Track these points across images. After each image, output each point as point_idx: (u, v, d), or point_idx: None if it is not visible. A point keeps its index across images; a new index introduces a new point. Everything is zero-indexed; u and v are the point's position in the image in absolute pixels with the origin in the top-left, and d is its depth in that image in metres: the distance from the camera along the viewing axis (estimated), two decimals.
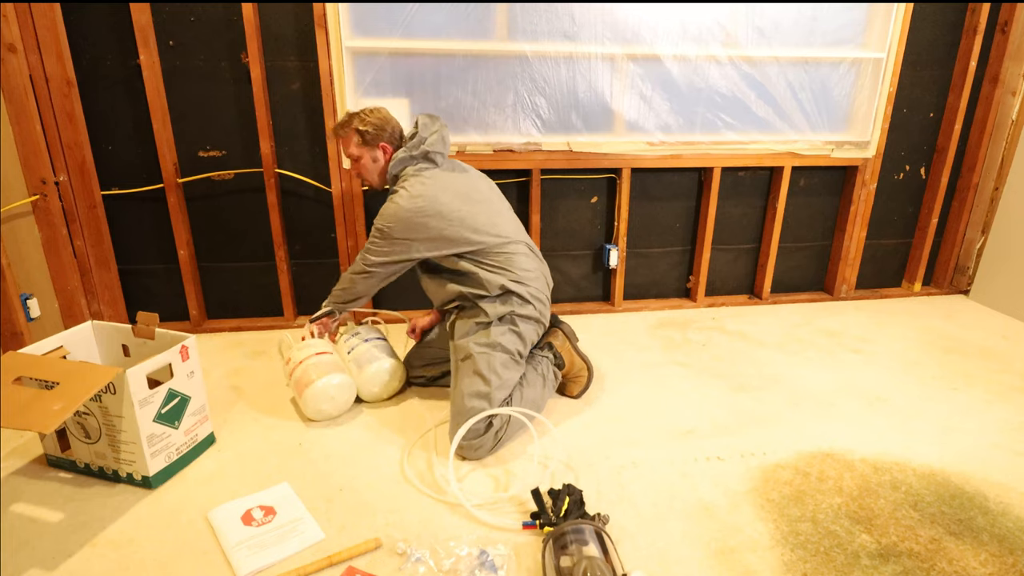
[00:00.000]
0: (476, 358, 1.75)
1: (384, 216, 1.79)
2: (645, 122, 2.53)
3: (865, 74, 2.63)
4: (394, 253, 1.82)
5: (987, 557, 1.37)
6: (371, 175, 1.90)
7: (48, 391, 1.42)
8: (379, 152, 1.87)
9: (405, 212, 1.76)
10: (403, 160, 1.83)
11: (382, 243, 1.81)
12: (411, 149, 1.83)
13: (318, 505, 1.49)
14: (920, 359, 2.33)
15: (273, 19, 2.21)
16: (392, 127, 1.87)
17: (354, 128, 1.84)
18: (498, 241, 1.84)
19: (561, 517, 1.39)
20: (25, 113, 2.04)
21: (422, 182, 1.80)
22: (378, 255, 1.83)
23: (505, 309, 1.81)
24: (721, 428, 1.86)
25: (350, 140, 1.86)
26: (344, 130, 1.87)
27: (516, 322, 1.82)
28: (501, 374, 1.75)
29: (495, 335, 1.78)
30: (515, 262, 1.85)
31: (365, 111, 1.86)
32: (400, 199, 1.78)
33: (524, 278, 1.85)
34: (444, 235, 1.79)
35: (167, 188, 2.29)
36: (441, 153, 1.87)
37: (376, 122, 1.84)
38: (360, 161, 1.88)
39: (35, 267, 2.15)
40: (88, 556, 1.34)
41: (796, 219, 2.84)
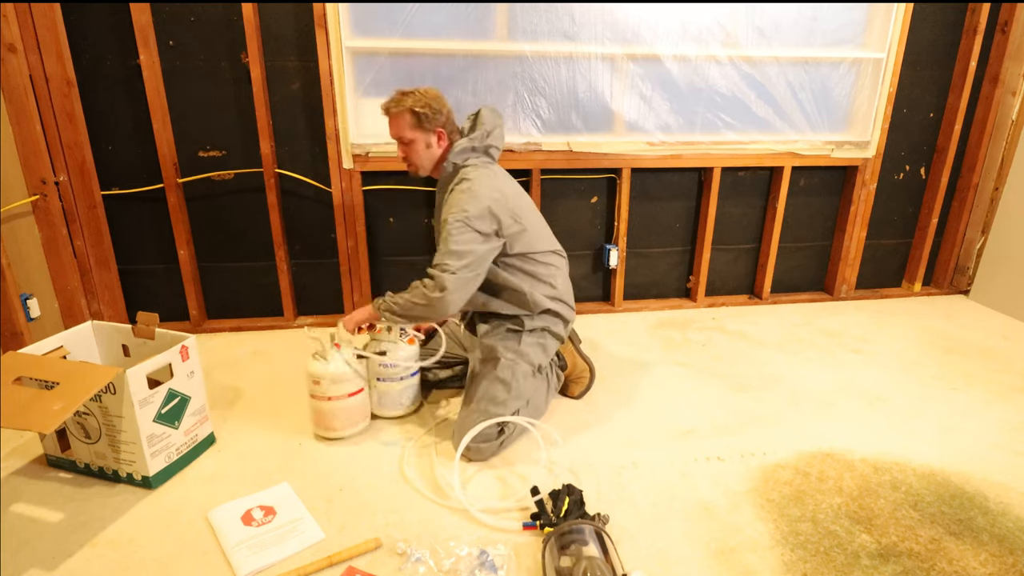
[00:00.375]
0: (502, 363, 1.72)
1: (459, 207, 1.61)
2: (645, 122, 2.53)
3: (865, 74, 2.63)
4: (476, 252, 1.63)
5: (987, 557, 1.37)
6: (422, 160, 1.75)
7: (48, 391, 1.42)
8: (433, 137, 1.72)
9: (486, 199, 1.63)
10: (467, 151, 1.72)
11: (462, 239, 1.60)
12: (475, 140, 1.72)
13: (318, 505, 1.49)
14: (920, 359, 2.33)
15: (273, 19, 2.21)
16: (447, 111, 1.74)
17: (409, 108, 1.68)
18: (549, 249, 1.80)
19: (561, 517, 1.39)
20: (25, 113, 2.04)
21: (491, 175, 1.70)
22: (460, 257, 1.61)
23: (539, 324, 1.80)
24: (721, 428, 1.86)
25: (403, 121, 1.70)
26: (397, 108, 1.69)
27: (546, 336, 1.81)
28: (522, 385, 1.74)
29: (525, 345, 1.76)
30: (556, 278, 1.82)
31: (420, 91, 1.70)
32: (476, 187, 1.64)
33: (563, 295, 1.83)
34: (512, 232, 1.69)
35: (167, 188, 2.29)
36: (499, 149, 1.78)
37: (433, 104, 1.69)
38: (412, 145, 1.72)
39: (35, 267, 2.15)
40: (88, 556, 1.34)
41: (796, 219, 2.84)
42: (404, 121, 1.70)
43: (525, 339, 1.78)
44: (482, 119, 1.75)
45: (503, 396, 1.69)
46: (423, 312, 1.67)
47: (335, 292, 2.57)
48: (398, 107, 1.69)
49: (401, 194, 2.48)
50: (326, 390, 1.70)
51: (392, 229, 2.54)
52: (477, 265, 1.65)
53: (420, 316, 1.70)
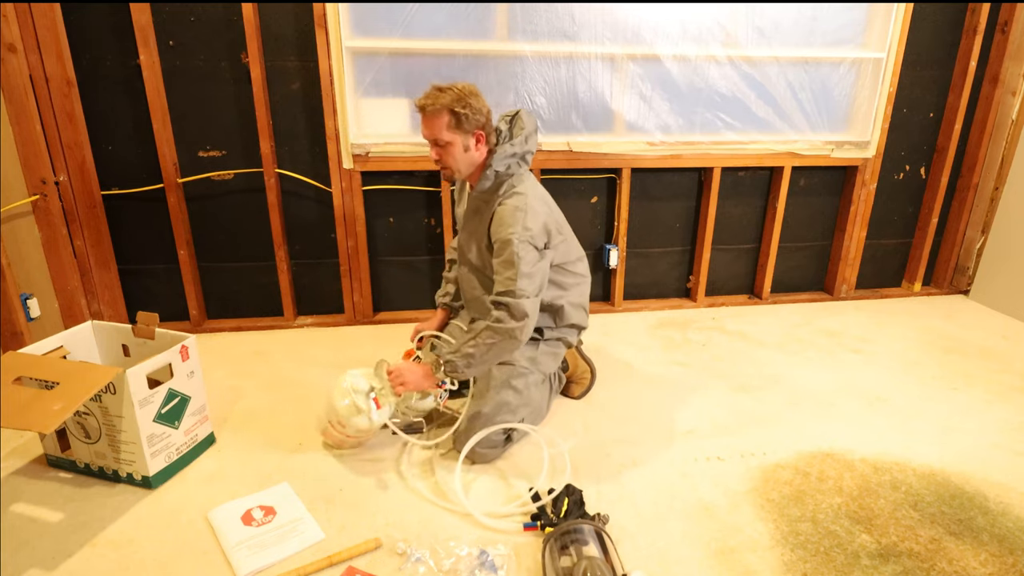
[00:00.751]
0: (517, 371, 1.70)
1: (519, 226, 1.51)
2: (645, 122, 2.53)
3: (865, 74, 2.63)
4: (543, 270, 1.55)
5: (987, 557, 1.37)
6: (459, 164, 1.61)
7: (48, 391, 1.42)
8: (472, 140, 1.58)
9: (541, 216, 1.56)
10: (511, 157, 1.60)
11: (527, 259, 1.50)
12: (516, 146, 1.60)
13: (318, 505, 1.49)
14: (920, 359, 2.33)
15: (273, 19, 2.21)
16: (487, 111, 1.60)
17: (448, 108, 1.52)
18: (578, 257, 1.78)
19: (561, 517, 1.39)
20: (25, 113, 2.04)
21: (536, 186, 1.62)
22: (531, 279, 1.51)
23: (558, 334, 1.79)
24: (721, 428, 1.86)
25: (440, 121, 1.54)
26: (434, 107, 1.53)
27: (559, 345, 1.81)
28: (532, 393, 1.73)
29: (540, 354, 1.75)
30: (584, 286, 1.80)
31: (459, 87, 1.54)
32: (530, 201, 1.56)
33: (585, 303, 1.82)
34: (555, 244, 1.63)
35: (167, 188, 2.29)
36: (532, 155, 1.67)
37: (474, 103, 1.54)
38: (449, 148, 1.57)
39: (35, 267, 2.15)
40: (88, 556, 1.34)
41: (796, 219, 2.84)
42: (441, 121, 1.54)
43: (541, 347, 1.77)
44: (521, 122, 1.63)
45: (515, 403, 1.68)
46: (500, 352, 1.56)
47: (335, 292, 2.57)
48: (435, 105, 1.52)
49: (401, 194, 2.48)
50: (348, 431, 1.62)
51: (392, 229, 2.54)
52: (544, 285, 1.58)
53: (497, 358, 1.58)
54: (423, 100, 1.55)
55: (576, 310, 1.79)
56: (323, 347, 2.37)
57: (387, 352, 2.29)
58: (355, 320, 2.58)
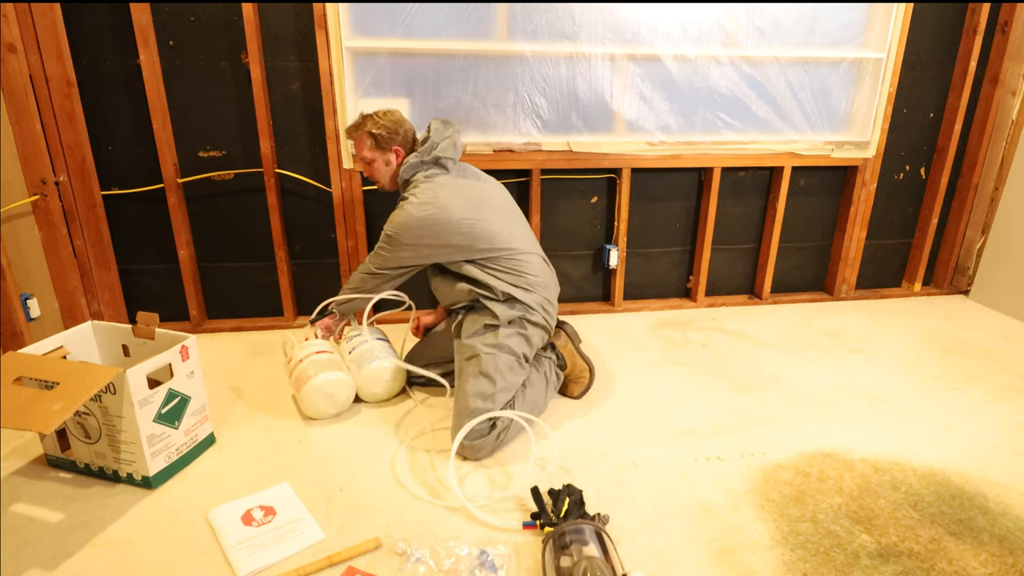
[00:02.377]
0: (483, 358, 1.74)
1: (393, 223, 1.80)
2: (645, 122, 2.53)
3: (865, 74, 2.63)
4: (402, 259, 1.84)
5: (987, 557, 1.37)
6: (383, 178, 1.91)
7: (48, 391, 1.42)
8: (392, 155, 1.87)
9: (414, 219, 1.76)
10: (414, 165, 1.83)
11: (390, 248, 1.83)
12: (422, 154, 1.82)
13: (318, 505, 1.49)
14: (920, 359, 2.33)
15: (273, 19, 2.21)
16: (405, 130, 1.87)
17: (367, 131, 1.84)
18: (507, 250, 1.83)
19: (561, 517, 1.39)
20: (25, 113, 2.04)
21: (432, 188, 1.79)
22: (387, 260, 1.85)
23: (515, 313, 1.81)
24: (721, 428, 1.86)
25: (363, 143, 1.86)
26: (357, 132, 1.87)
27: (525, 326, 1.82)
28: (506, 376, 1.74)
29: (503, 337, 1.78)
30: (525, 270, 1.84)
31: (379, 113, 1.86)
32: (410, 206, 1.78)
33: (533, 285, 1.84)
34: (452, 242, 1.79)
35: (167, 188, 2.29)
36: (452, 159, 1.86)
37: (389, 125, 1.84)
38: (373, 164, 1.88)
39: (35, 267, 2.15)
40: (88, 556, 1.34)
41: (796, 219, 2.84)
42: (364, 143, 1.86)
43: (503, 331, 1.79)
44: (430, 131, 1.85)
45: (489, 390, 1.71)
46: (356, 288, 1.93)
47: (335, 292, 2.55)
48: (357, 131, 1.87)
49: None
50: (296, 355, 1.91)
51: None
52: (396, 268, 1.87)
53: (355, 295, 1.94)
54: (348, 127, 1.91)
55: (520, 292, 1.82)
56: None
57: None
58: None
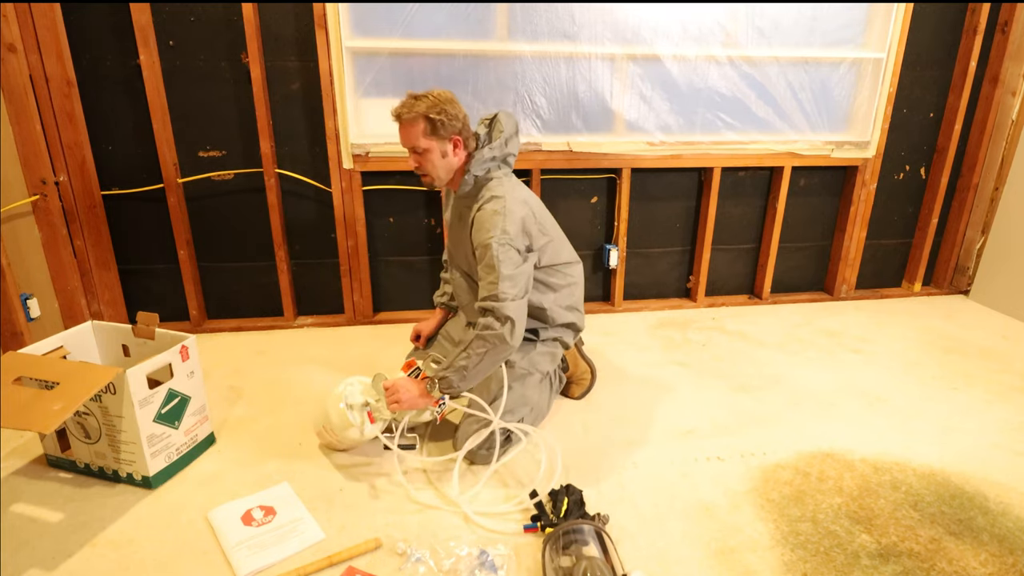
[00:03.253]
0: (514, 372, 1.70)
1: (497, 229, 1.51)
2: (645, 122, 2.53)
3: (865, 74, 2.62)
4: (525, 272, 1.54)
5: (987, 557, 1.37)
6: (437, 170, 1.61)
7: (48, 391, 1.42)
8: (450, 146, 1.59)
9: (519, 216, 1.56)
10: (487, 161, 1.61)
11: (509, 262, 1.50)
12: (495, 150, 1.61)
13: (318, 505, 1.49)
14: (920, 359, 2.33)
15: (273, 19, 2.21)
16: (464, 117, 1.60)
17: (423, 114, 1.54)
18: (570, 260, 1.78)
19: (561, 517, 1.39)
20: (25, 113, 2.04)
21: (516, 187, 1.62)
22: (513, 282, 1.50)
23: (554, 335, 1.79)
24: (721, 428, 1.86)
25: (416, 128, 1.55)
26: (410, 115, 1.54)
27: (556, 346, 1.81)
28: (530, 394, 1.73)
29: (537, 354, 1.75)
30: (576, 288, 1.80)
31: (434, 94, 1.56)
32: (509, 204, 1.55)
33: (579, 304, 1.81)
34: (540, 245, 1.64)
35: (167, 188, 2.29)
36: (515, 157, 1.68)
37: (449, 109, 1.55)
38: (427, 155, 1.58)
39: (35, 267, 2.15)
40: (88, 556, 1.34)
41: (796, 219, 2.84)
42: (418, 129, 1.55)
43: (538, 348, 1.77)
44: (500, 125, 1.64)
45: (512, 404, 1.68)
46: (493, 359, 1.53)
47: (335, 292, 2.57)
48: (411, 113, 1.54)
49: (401, 194, 2.48)
50: (340, 440, 1.63)
51: (392, 229, 2.54)
52: (528, 286, 1.56)
53: (491, 366, 1.55)
54: (399, 109, 1.57)
55: (568, 312, 1.79)
56: (323, 347, 2.37)
57: (388, 353, 2.29)
58: (355, 320, 2.58)
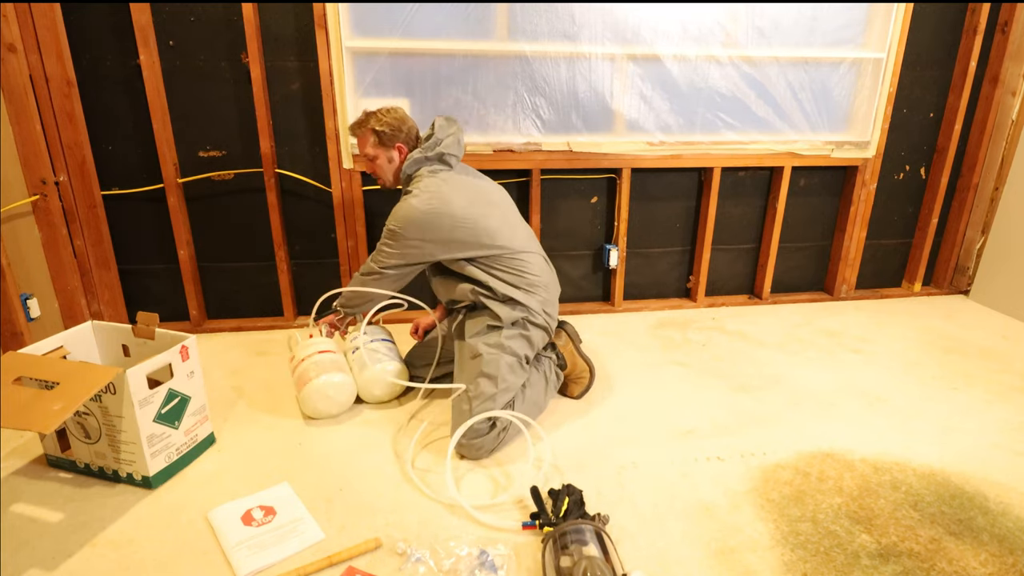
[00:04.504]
0: (485, 359, 1.74)
1: (396, 217, 1.79)
2: (645, 122, 2.53)
3: (865, 74, 2.63)
4: (406, 255, 1.82)
5: (987, 557, 1.37)
6: (386, 174, 1.91)
7: (48, 391, 1.42)
8: (395, 152, 1.87)
9: (418, 212, 1.76)
10: (418, 161, 1.83)
11: (393, 244, 1.81)
12: (426, 150, 1.83)
13: (318, 505, 1.49)
14: (920, 359, 2.33)
15: (273, 19, 2.21)
16: (408, 127, 1.87)
17: (371, 128, 1.85)
18: (508, 248, 1.83)
19: (561, 517, 1.39)
20: (25, 113, 2.04)
21: (436, 183, 1.80)
22: (389, 257, 1.82)
23: (517, 314, 1.81)
24: (721, 428, 1.86)
25: (366, 139, 1.86)
26: (361, 129, 1.87)
27: (527, 327, 1.82)
28: (507, 377, 1.74)
29: (505, 338, 1.78)
30: (526, 270, 1.84)
31: (382, 111, 1.86)
32: (413, 199, 1.77)
33: (534, 286, 1.84)
34: (456, 237, 1.78)
35: (167, 188, 2.29)
36: (456, 156, 1.86)
37: (392, 122, 1.85)
38: (376, 161, 1.88)
39: (35, 267, 2.15)
40: (88, 556, 1.34)
41: (796, 219, 2.84)
42: (367, 139, 1.86)
43: (505, 332, 1.79)
44: (435, 128, 1.86)
45: (491, 391, 1.71)
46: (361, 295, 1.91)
47: None
48: (361, 128, 1.87)
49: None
50: (299, 354, 1.90)
51: None
52: (399, 265, 1.84)
53: (360, 299, 1.92)
54: (352, 124, 1.90)
55: (521, 294, 1.82)
56: None
57: None
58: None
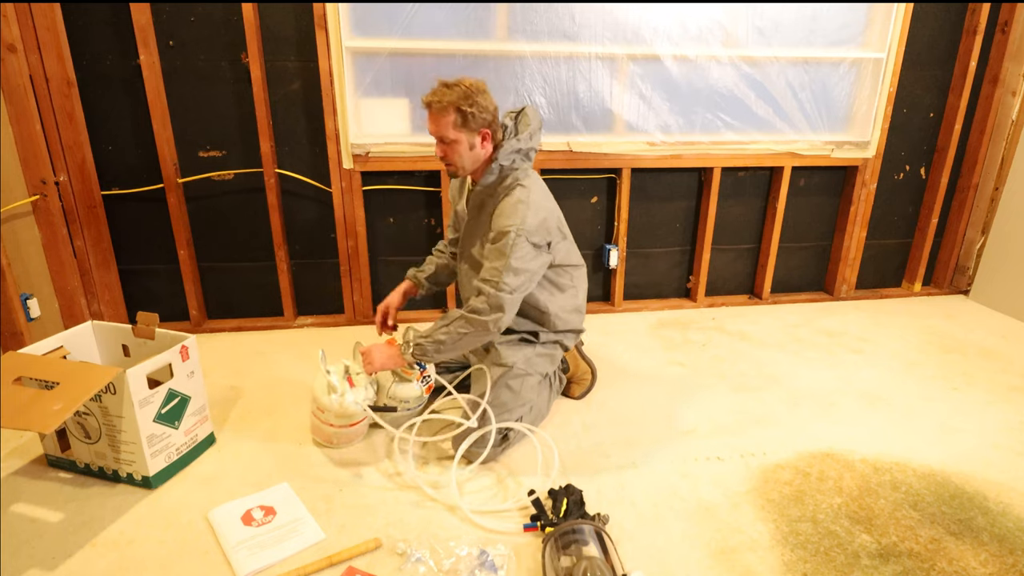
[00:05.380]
0: (513, 372, 1.71)
1: (518, 216, 1.51)
2: (645, 122, 2.53)
3: (865, 74, 2.62)
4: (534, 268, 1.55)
5: (987, 557, 1.37)
6: (464, 161, 1.61)
7: (48, 391, 1.42)
8: (478, 138, 1.59)
9: (543, 211, 1.56)
10: (514, 153, 1.60)
11: (522, 254, 1.50)
12: (523, 142, 1.61)
13: (318, 505, 1.49)
14: (920, 359, 2.33)
15: (273, 19, 2.21)
16: (494, 109, 1.61)
17: (455, 105, 1.54)
18: (578, 262, 1.79)
19: (561, 517, 1.39)
20: (25, 113, 2.04)
21: (540, 183, 1.64)
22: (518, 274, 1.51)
23: (553, 338, 1.79)
24: (721, 428, 1.86)
25: (447, 120, 1.54)
26: (441, 104, 1.54)
27: (556, 348, 1.82)
28: (529, 396, 1.74)
29: (536, 355, 1.76)
30: (579, 290, 1.80)
31: (466, 83, 1.56)
32: (533, 196, 1.56)
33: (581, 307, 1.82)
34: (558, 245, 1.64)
35: (167, 188, 2.29)
36: (536, 152, 1.67)
37: (481, 102, 1.55)
38: (455, 146, 1.58)
39: (35, 267, 2.15)
40: (88, 556, 1.34)
41: (796, 219, 2.84)
42: (448, 119, 1.54)
43: (537, 349, 1.78)
44: (527, 118, 1.65)
45: (511, 403, 1.69)
46: (471, 341, 1.58)
47: (335, 292, 2.57)
48: (442, 102, 1.53)
49: (401, 194, 2.48)
50: (330, 420, 1.66)
51: (392, 229, 2.54)
52: (531, 283, 1.57)
53: (468, 346, 1.61)
54: (430, 96, 1.56)
55: (571, 314, 1.80)
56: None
57: None
58: (355, 320, 2.58)
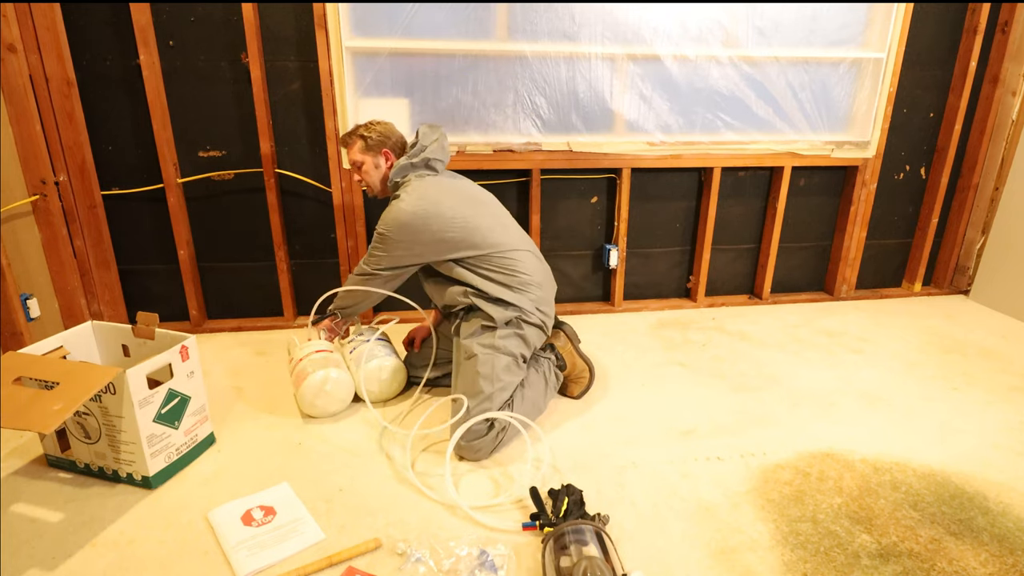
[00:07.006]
0: (480, 359, 1.75)
1: (385, 220, 1.81)
2: (645, 122, 2.53)
3: (865, 74, 2.63)
4: (396, 258, 1.84)
5: (987, 557, 1.37)
6: (373, 180, 1.93)
7: (48, 391, 1.42)
8: (381, 158, 1.90)
9: (406, 215, 1.78)
10: (404, 167, 1.86)
11: (383, 247, 1.83)
12: (412, 157, 1.86)
13: (318, 505, 1.49)
14: (920, 359, 2.33)
15: (273, 19, 2.21)
16: (396, 137, 1.92)
17: (358, 134, 1.90)
18: (502, 246, 1.84)
19: (561, 517, 1.39)
20: (25, 113, 2.04)
21: (423, 186, 1.82)
22: (380, 260, 1.85)
23: (511, 314, 1.81)
24: (721, 428, 1.86)
25: (354, 145, 1.91)
26: (350, 137, 1.92)
27: (522, 326, 1.83)
28: (503, 377, 1.75)
29: (500, 338, 1.78)
30: (518, 268, 1.85)
31: (371, 121, 1.93)
32: (401, 203, 1.79)
33: (527, 284, 1.84)
34: (445, 238, 1.80)
35: (167, 188, 2.29)
36: (441, 160, 1.90)
37: (380, 130, 1.90)
38: (363, 167, 1.91)
39: (35, 267, 2.15)
40: (88, 556, 1.34)
41: (796, 219, 2.84)
42: (355, 145, 1.91)
43: (499, 332, 1.80)
44: (419, 136, 1.90)
45: (487, 390, 1.71)
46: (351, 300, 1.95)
47: None
48: (350, 136, 1.92)
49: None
50: (297, 354, 1.93)
51: None
52: (391, 268, 1.86)
53: (351, 303, 1.96)
54: (343, 136, 1.95)
55: (518, 294, 1.82)
56: None
57: None
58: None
